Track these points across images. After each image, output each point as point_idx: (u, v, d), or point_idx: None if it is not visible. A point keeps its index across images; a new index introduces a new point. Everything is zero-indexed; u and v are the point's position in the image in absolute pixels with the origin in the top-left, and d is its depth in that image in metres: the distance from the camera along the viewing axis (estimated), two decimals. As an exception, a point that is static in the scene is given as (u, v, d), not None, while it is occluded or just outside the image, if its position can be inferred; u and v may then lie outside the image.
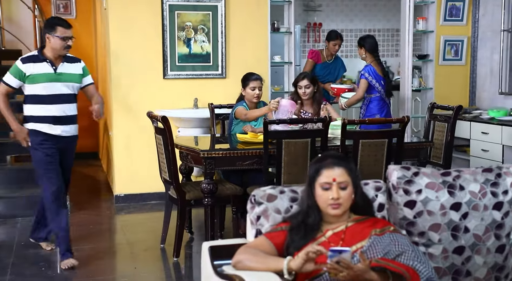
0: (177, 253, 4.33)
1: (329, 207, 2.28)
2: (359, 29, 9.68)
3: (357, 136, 4.02)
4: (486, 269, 2.45)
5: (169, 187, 4.52)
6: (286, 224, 2.35)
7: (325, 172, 2.30)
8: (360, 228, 2.29)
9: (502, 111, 6.15)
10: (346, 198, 2.29)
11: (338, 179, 2.28)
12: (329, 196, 2.27)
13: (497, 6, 6.44)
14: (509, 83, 6.36)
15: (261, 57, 6.22)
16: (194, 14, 6.07)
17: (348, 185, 2.29)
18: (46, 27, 4.14)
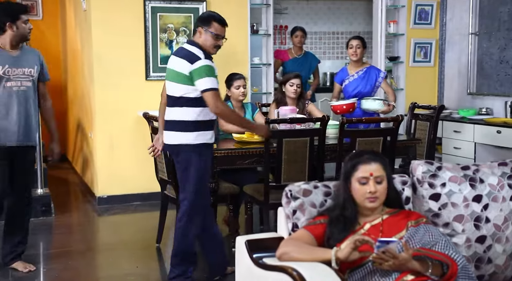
0: (175, 252, 4.39)
1: (367, 200, 2.41)
2: (323, 32, 9.90)
3: (354, 135, 4.17)
4: (505, 256, 2.64)
5: (166, 186, 4.57)
6: (324, 218, 2.47)
7: (362, 167, 2.42)
8: (395, 220, 2.43)
9: (471, 110, 6.46)
10: (382, 191, 2.42)
11: (375, 174, 2.40)
12: (367, 190, 2.39)
13: (464, 11, 6.75)
14: (476, 84, 6.68)
15: (241, 58, 6.32)
16: (176, 16, 6.12)
17: (383, 179, 2.43)
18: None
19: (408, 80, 7.03)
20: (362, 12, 9.94)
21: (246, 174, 4.72)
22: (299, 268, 2.20)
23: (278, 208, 2.68)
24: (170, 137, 3.65)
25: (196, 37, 3.64)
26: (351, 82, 5.26)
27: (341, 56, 9.94)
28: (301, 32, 6.93)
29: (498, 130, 5.78)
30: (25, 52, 4.00)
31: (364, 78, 5.23)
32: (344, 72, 5.36)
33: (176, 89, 3.57)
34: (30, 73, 3.97)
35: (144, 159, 6.08)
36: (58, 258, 4.50)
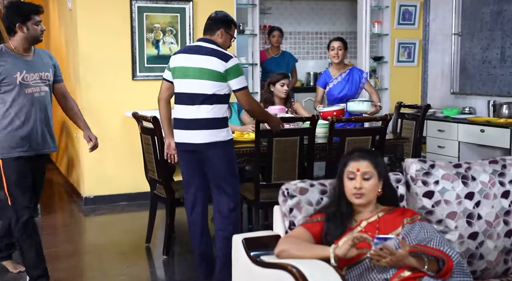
0: (166, 251, 4.40)
1: (353, 196, 2.45)
2: (306, 32, 9.95)
3: (344, 134, 4.22)
4: (497, 252, 2.69)
5: (155, 186, 4.57)
6: (321, 215, 2.51)
7: (351, 163, 2.48)
8: (391, 217, 2.47)
9: (455, 109, 6.55)
10: (370, 188, 2.44)
11: (362, 170, 2.44)
12: (353, 185, 2.44)
13: (447, 12, 6.84)
14: (459, 84, 6.78)
15: (227, 58, 6.33)
16: (162, 16, 6.12)
17: (372, 176, 2.45)
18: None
19: (392, 80, 7.11)
20: (344, 12, 10.01)
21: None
22: (298, 265, 2.23)
23: (274, 206, 2.70)
24: (202, 136, 3.58)
25: (216, 37, 3.66)
26: (336, 85, 5.23)
27: (325, 56, 10.00)
28: (278, 32, 7.00)
29: (481, 129, 5.87)
30: (39, 55, 3.76)
31: (348, 80, 5.21)
32: (327, 75, 5.31)
33: (208, 86, 3.54)
34: (46, 77, 3.75)
35: (130, 159, 6.08)
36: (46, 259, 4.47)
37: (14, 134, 3.61)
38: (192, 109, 3.60)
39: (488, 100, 6.27)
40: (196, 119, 3.59)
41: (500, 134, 5.66)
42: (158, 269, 4.31)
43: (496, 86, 6.31)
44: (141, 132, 4.54)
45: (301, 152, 4.17)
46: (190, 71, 3.59)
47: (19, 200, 3.64)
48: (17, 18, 3.59)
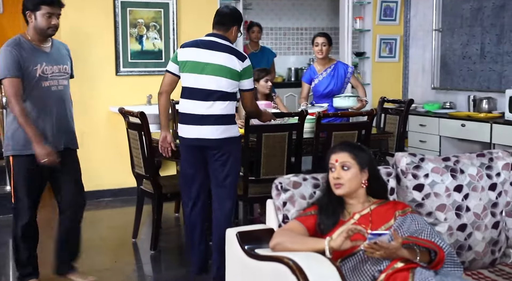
0: (154, 246, 4.40)
1: (334, 187, 2.51)
2: (287, 27, 9.98)
3: (330, 128, 4.25)
4: (484, 243, 2.76)
5: (142, 182, 4.58)
6: (314, 208, 2.54)
7: (331, 156, 2.55)
8: (383, 210, 2.52)
9: (436, 104, 6.64)
10: (348, 178, 2.49)
11: (340, 160, 2.50)
12: (333, 176, 2.51)
13: (428, 8, 6.93)
14: (440, 79, 6.87)
15: (211, 54, 6.34)
16: (146, 11, 6.10)
17: (351, 167, 2.49)
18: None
19: (374, 75, 7.18)
20: (325, 8, 10.06)
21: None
22: (294, 258, 2.26)
23: (267, 200, 2.73)
24: (217, 131, 3.59)
25: (229, 33, 3.69)
26: (321, 81, 5.24)
27: (306, 51, 10.05)
28: (257, 27, 7.06)
29: (462, 124, 5.97)
30: (57, 47, 3.58)
31: (333, 75, 5.22)
32: (312, 71, 5.31)
33: (226, 84, 3.57)
34: (65, 70, 3.58)
35: (115, 154, 6.07)
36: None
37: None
38: (206, 105, 3.60)
39: (468, 95, 6.37)
40: (210, 115, 3.60)
41: (480, 128, 5.76)
42: (146, 265, 4.31)
43: (476, 81, 6.42)
44: (127, 128, 4.54)
45: (289, 147, 4.19)
46: (208, 67, 3.57)
47: (23, 201, 3.50)
48: (29, 5, 3.42)
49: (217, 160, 3.62)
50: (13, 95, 3.35)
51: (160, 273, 4.12)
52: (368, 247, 2.26)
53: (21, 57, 3.36)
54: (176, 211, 5.38)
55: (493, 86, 6.22)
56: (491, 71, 6.23)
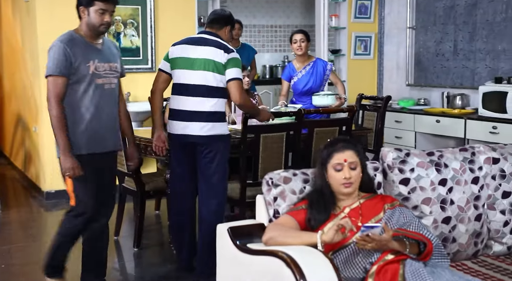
0: (137, 244, 4.40)
1: (342, 186, 2.55)
2: (261, 25, 10.02)
3: (312, 125, 4.30)
4: (468, 235, 2.84)
5: (123, 179, 4.57)
6: (305, 203, 2.59)
7: (336, 155, 2.57)
8: (372, 203, 2.58)
9: (410, 101, 6.76)
10: (356, 177, 2.56)
11: (349, 160, 2.55)
12: (342, 176, 2.54)
13: (402, 6, 7.04)
14: (414, 76, 6.99)
15: (189, 51, 6.35)
16: (123, 8, 6.07)
17: (357, 165, 2.57)
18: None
19: (349, 72, 7.27)
20: (299, 5, 10.12)
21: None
22: (289, 252, 2.30)
23: (257, 196, 2.77)
24: (205, 128, 3.59)
25: (222, 32, 3.72)
26: (300, 78, 5.27)
27: (280, 49, 10.10)
28: (238, 24, 7.02)
29: (437, 120, 6.09)
30: (108, 45, 3.47)
31: (312, 73, 5.25)
32: (291, 69, 5.34)
33: (211, 78, 3.58)
34: (116, 68, 3.45)
35: (93, 152, 6.03)
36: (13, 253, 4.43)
37: (83, 130, 3.29)
38: (194, 101, 3.61)
39: (442, 92, 6.50)
40: (199, 111, 3.60)
41: (454, 124, 5.89)
42: (130, 262, 4.31)
43: (450, 78, 6.55)
44: (109, 125, 4.50)
45: (287, 147, 4.10)
46: (196, 62, 3.59)
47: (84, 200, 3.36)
48: (83, 0, 3.32)
49: (205, 157, 3.64)
50: (54, 96, 3.21)
51: (145, 270, 4.12)
52: (360, 239, 2.32)
53: (73, 55, 3.24)
54: (156, 209, 5.38)
55: (466, 82, 6.35)
56: (464, 68, 6.37)
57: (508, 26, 5.87)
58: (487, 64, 6.11)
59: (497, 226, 2.93)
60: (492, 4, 6.02)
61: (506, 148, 3.07)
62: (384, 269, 2.32)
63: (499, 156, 2.98)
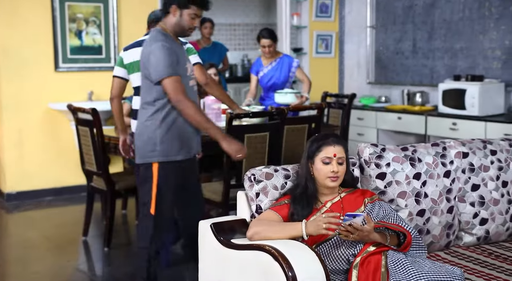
0: (108, 243, 4.37)
1: (328, 179, 2.58)
2: (221, 23, 10.02)
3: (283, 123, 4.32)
4: (440, 227, 2.94)
5: (92, 179, 4.53)
6: (288, 198, 2.63)
7: (326, 148, 2.59)
8: (352, 197, 2.65)
9: (372, 98, 6.89)
10: (342, 172, 2.61)
11: (338, 155, 2.59)
12: (330, 169, 2.56)
13: (362, 5, 7.17)
14: (375, 74, 7.13)
15: (152, 49, 6.31)
16: (85, 6, 6.00)
17: (344, 161, 2.62)
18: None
19: (311, 70, 7.36)
20: (257, 4, 10.17)
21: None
22: (276, 245, 2.34)
23: (238, 192, 2.80)
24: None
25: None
26: (266, 74, 5.36)
27: (239, 47, 10.13)
28: (209, 23, 7.07)
29: (398, 117, 6.23)
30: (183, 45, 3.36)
31: (277, 68, 5.34)
32: (259, 64, 5.43)
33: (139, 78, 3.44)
34: (193, 70, 3.34)
35: (55, 152, 5.95)
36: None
37: (178, 134, 3.16)
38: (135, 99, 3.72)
39: (402, 89, 6.65)
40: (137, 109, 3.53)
41: (415, 121, 6.04)
42: (101, 262, 4.28)
43: (409, 76, 6.71)
44: (77, 124, 4.47)
45: (271, 148, 4.07)
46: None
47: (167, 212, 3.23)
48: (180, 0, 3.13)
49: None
50: (182, 92, 3.06)
51: (116, 270, 4.09)
52: (344, 230, 2.37)
53: (175, 54, 3.10)
54: (123, 208, 5.34)
55: (425, 80, 6.52)
56: (423, 66, 6.54)
57: (465, 25, 6.06)
58: (445, 62, 6.29)
59: (467, 218, 3.03)
60: (449, 4, 6.20)
61: (474, 142, 3.18)
62: (367, 260, 2.38)
63: (468, 151, 3.09)
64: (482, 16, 5.89)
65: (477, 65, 5.97)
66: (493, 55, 5.84)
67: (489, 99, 5.53)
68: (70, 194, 6.00)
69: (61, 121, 5.98)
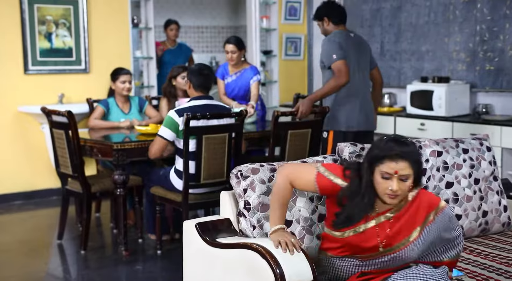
0: (85, 246, 4.35)
1: (386, 196, 2.29)
2: (188, 26, 10.04)
3: (286, 127, 4.30)
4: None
5: (67, 181, 4.50)
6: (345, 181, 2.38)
7: (388, 163, 2.26)
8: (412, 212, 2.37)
9: (340, 100, 7.00)
10: (405, 189, 2.29)
11: (400, 173, 2.26)
12: (388, 186, 2.27)
13: (330, 8, 7.27)
14: (343, 76, 7.24)
15: (123, 52, 6.30)
16: (54, 8, 5.95)
17: (409, 177, 2.28)
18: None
19: (281, 72, 7.45)
20: (224, 7, 10.22)
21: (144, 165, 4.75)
22: (263, 243, 2.39)
23: (221, 192, 2.83)
24: None
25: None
26: (229, 83, 5.31)
27: (207, 50, 10.17)
28: (175, 25, 7.14)
29: (367, 118, 6.35)
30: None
31: (239, 79, 5.29)
32: (225, 70, 5.35)
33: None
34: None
35: (25, 156, 5.89)
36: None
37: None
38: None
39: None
40: None
41: (384, 121, 6.16)
42: (76, 265, 4.26)
43: (377, 77, 6.84)
44: (51, 127, 4.43)
45: (229, 150, 4.08)
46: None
47: None
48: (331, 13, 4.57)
49: None
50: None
51: (93, 273, 4.08)
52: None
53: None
54: (97, 211, 5.31)
55: (393, 82, 6.66)
56: (391, 68, 6.68)
57: (430, 28, 6.22)
58: (412, 64, 6.45)
59: (442, 214, 3.13)
60: (416, 7, 6.35)
61: (447, 142, 3.28)
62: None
63: (442, 149, 3.20)
64: (446, 20, 6.06)
65: (443, 67, 6.14)
66: (458, 57, 6.01)
67: (455, 100, 5.69)
68: (41, 197, 5.95)
69: (31, 124, 5.92)
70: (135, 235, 4.64)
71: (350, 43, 4.53)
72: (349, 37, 4.58)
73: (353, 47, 4.54)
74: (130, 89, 5.01)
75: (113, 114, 4.95)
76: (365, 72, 4.61)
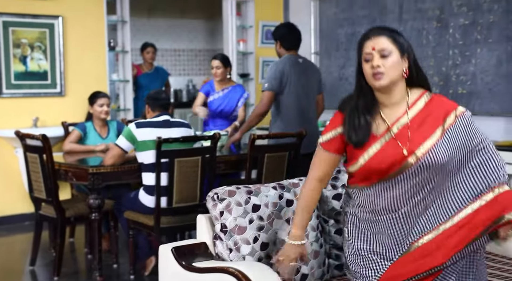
0: (58, 272, 4.26)
1: (372, 78, 2.15)
2: (165, 49, 10.07)
3: (263, 150, 4.31)
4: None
5: (40, 206, 4.43)
6: (339, 122, 2.28)
7: (366, 43, 2.18)
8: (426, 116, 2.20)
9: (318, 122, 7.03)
10: (389, 66, 2.13)
11: (377, 47, 2.14)
12: (370, 65, 2.15)
13: (306, 32, 7.30)
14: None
15: (99, 75, 6.27)
16: (30, 31, 5.92)
17: (391, 53, 2.15)
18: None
19: (258, 96, 7.44)
20: (201, 30, 10.28)
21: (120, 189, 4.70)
22: (239, 267, 2.37)
23: (198, 215, 2.81)
24: None
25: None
26: (216, 99, 5.36)
27: (184, 72, 10.19)
28: (152, 48, 7.16)
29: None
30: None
31: (227, 97, 5.35)
32: (211, 87, 5.42)
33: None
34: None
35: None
36: None
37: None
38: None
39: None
40: None
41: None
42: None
43: (353, 100, 6.89)
44: (25, 151, 4.37)
45: (203, 173, 4.08)
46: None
47: None
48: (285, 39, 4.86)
49: None
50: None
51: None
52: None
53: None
54: (71, 236, 5.22)
55: (368, 105, 6.72)
56: (366, 91, 6.74)
57: (405, 52, 6.31)
58: (387, 87, 6.51)
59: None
60: (390, 31, 6.44)
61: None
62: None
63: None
64: (420, 44, 6.15)
65: (418, 90, 6.21)
66: (432, 81, 6.05)
67: (430, 122, 5.75)
68: (13, 223, 5.84)
69: (5, 148, 5.84)
70: (110, 260, 4.57)
71: (297, 68, 4.76)
72: (297, 63, 4.81)
73: (299, 73, 4.77)
74: (108, 113, 4.97)
75: (90, 138, 4.89)
76: (310, 95, 4.86)
